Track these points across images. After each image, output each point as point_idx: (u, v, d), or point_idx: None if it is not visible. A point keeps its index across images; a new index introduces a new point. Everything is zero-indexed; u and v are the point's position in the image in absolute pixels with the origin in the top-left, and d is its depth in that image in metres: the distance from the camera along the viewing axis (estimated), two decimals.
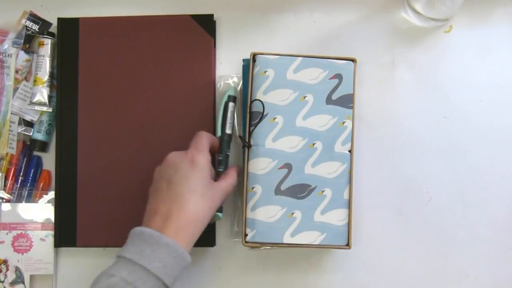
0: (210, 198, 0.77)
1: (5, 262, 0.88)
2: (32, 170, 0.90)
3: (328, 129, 0.84)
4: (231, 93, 0.86)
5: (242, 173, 0.85)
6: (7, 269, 0.88)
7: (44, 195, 0.89)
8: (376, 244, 0.89)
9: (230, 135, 0.86)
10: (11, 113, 0.89)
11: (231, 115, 0.86)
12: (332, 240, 0.82)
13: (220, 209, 0.84)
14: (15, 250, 0.88)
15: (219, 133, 0.85)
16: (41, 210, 0.89)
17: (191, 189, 0.75)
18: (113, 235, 0.87)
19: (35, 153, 0.91)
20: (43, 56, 0.90)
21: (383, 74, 0.91)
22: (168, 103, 0.89)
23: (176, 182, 0.76)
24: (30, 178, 0.90)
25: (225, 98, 0.86)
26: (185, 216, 0.74)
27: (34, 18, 0.92)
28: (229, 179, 0.82)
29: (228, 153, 0.86)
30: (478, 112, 0.90)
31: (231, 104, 0.86)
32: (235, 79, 0.90)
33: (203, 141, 0.81)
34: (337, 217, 0.82)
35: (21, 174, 0.90)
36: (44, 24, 0.92)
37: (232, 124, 0.86)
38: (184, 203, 0.74)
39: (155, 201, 0.76)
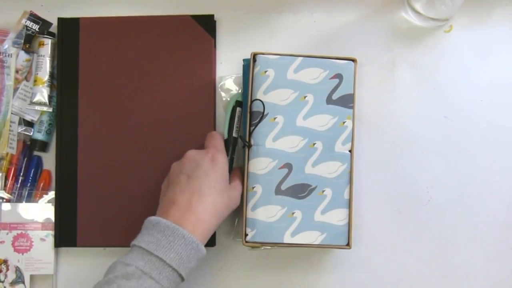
0: (227, 196, 0.79)
1: (5, 262, 0.88)
2: (32, 170, 0.90)
3: (328, 129, 0.84)
4: (239, 98, 0.87)
5: (242, 173, 0.85)
6: (7, 269, 0.88)
7: (44, 195, 0.89)
8: (376, 244, 0.89)
9: (236, 139, 0.87)
10: (11, 113, 0.89)
11: (238, 119, 0.87)
12: (333, 240, 0.82)
13: None
14: (15, 250, 0.88)
15: (225, 136, 0.86)
16: (41, 210, 0.89)
17: (211, 185, 0.77)
18: (113, 235, 0.88)
19: (35, 153, 0.91)
20: (43, 56, 0.89)
21: (383, 74, 0.91)
22: (168, 103, 0.89)
23: (197, 177, 0.77)
24: (30, 178, 0.90)
25: (232, 103, 0.87)
26: (204, 210, 0.75)
27: (34, 18, 0.92)
28: (239, 181, 0.83)
29: (233, 156, 0.87)
30: (478, 112, 0.90)
31: (238, 109, 0.87)
32: (234, 78, 0.90)
33: (220, 141, 0.83)
34: (337, 217, 0.82)
35: (21, 174, 0.90)
36: (44, 24, 0.92)
37: (238, 128, 0.87)
38: (203, 197, 0.76)
39: (172, 192, 0.77)
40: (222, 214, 0.78)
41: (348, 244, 0.82)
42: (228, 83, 0.90)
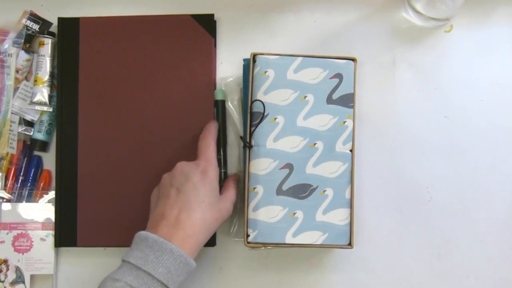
0: (217, 209, 0.79)
1: (5, 262, 0.88)
2: (33, 170, 0.90)
3: (329, 129, 0.84)
4: (219, 97, 0.89)
5: (243, 174, 0.85)
6: (8, 269, 0.88)
7: (44, 195, 0.89)
8: (377, 244, 0.89)
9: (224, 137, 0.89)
10: (12, 113, 0.89)
11: (216, 117, 0.89)
12: (334, 240, 0.82)
13: None
14: (15, 250, 0.88)
15: None
16: (41, 210, 0.89)
17: (200, 199, 0.77)
18: (114, 235, 0.88)
19: (36, 152, 0.91)
20: (44, 55, 0.89)
21: (383, 73, 0.91)
22: (168, 103, 0.89)
23: (186, 191, 0.77)
24: (31, 178, 0.90)
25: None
26: (193, 225, 0.75)
27: (34, 17, 0.92)
28: (232, 191, 0.84)
29: (219, 157, 0.88)
30: (479, 112, 0.90)
31: (214, 109, 0.89)
32: (234, 78, 0.90)
33: (212, 152, 0.82)
34: (338, 216, 0.82)
35: (22, 174, 0.90)
36: (44, 24, 0.92)
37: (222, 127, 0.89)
38: (192, 212, 0.75)
39: (162, 206, 0.77)
40: (211, 227, 0.78)
41: (350, 244, 0.82)
42: (228, 83, 0.90)
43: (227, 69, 0.91)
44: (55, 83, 0.91)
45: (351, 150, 0.84)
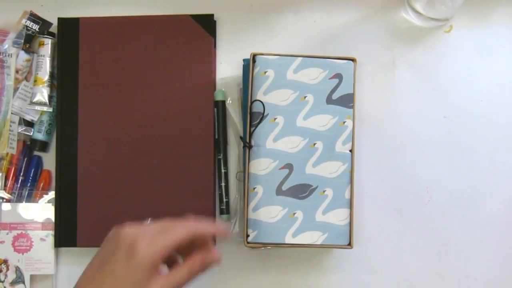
0: None
1: (5, 262, 0.88)
2: (33, 170, 0.90)
3: (328, 129, 0.84)
4: (218, 97, 0.89)
5: (243, 174, 0.85)
6: (7, 269, 0.88)
7: (44, 195, 0.89)
8: (377, 244, 0.89)
9: (225, 139, 0.89)
10: (12, 113, 0.89)
11: (217, 118, 0.89)
12: (334, 240, 0.82)
13: (227, 211, 0.87)
14: (15, 250, 0.88)
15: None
16: (41, 210, 0.89)
17: (114, 285, 0.63)
18: None
19: (36, 153, 0.91)
20: (43, 56, 0.89)
21: (383, 74, 0.91)
22: (168, 103, 0.89)
23: (103, 272, 0.64)
24: (31, 178, 0.90)
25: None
26: None
27: (34, 18, 0.92)
28: (181, 272, 0.69)
29: (219, 157, 0.88)
30: (478, 112, 0.90)
31: (215, 110, 0.89)
32: (234, 78, 0.90)
33: (172, 237, 0.66)
34: (338, 216, 0.82)
35: (22, 174, 0.90)
36: (44, 24, 0.92)
37: (219, 127, 0.89)
38: None
39: (84, 274, 0.66)
40: None
41: (349, 244, 0.82)
42: (228, 83, 0.90)
43: (227, 69, 0.91)
44: (55, 83, 0.91)
45: (350, 150, 0.84)
